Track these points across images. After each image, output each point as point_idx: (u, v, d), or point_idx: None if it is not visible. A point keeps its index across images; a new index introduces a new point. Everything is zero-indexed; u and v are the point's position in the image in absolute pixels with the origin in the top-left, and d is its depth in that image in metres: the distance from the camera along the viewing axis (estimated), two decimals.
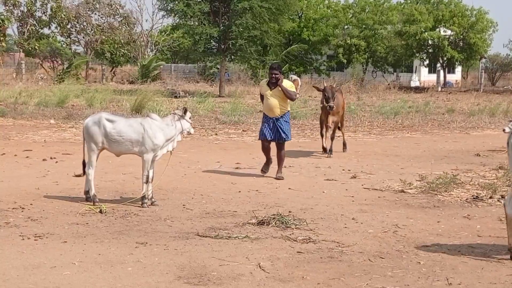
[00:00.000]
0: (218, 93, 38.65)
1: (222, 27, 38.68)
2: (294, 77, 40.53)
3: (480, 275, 7.21)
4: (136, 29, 54.44)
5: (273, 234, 8.76)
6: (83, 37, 52.40)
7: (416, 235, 8.88)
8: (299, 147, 17.82)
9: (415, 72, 58.06)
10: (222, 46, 39.53)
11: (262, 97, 13.25)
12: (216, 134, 20.66)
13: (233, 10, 38.58)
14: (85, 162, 10.62)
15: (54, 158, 14.88)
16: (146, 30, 55.10)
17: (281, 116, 12.88)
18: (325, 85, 15.89)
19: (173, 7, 38.95)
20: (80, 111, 25.66)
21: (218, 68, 45.51)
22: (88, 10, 51.46)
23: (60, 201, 10.57)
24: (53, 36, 51.31)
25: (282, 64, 46.51)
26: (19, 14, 48.81)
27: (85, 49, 52.89)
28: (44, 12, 49.30)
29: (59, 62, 50.61)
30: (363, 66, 54.62)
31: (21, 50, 49.85)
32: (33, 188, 11.50)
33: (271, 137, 12.92)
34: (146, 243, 8.25)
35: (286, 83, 12.87)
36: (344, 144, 17.15)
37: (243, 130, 21.60)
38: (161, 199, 10.84)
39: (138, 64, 52.04)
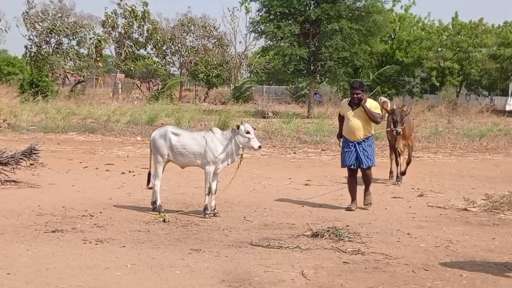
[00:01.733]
0: (307, 114, 38.96)
1: (312, 49, 39.07)
2: (384, 99, 40.53)
3: None
4: (229, 50, 55.38)
5: (324, 246, 8.98)
6: (178, 59, 53.73)
7: (467, 251, 8.95)
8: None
9: (511, 95, 56.99)
10: (312, 68, 39.90)
11: (341, 118, 11.92)
12: (294, 152, 20.97)
13: (323, 31, 38.91)
14: (151, 174, 11.08)
15: (133, 171, 15.46)
16: (239, 52, 55.97)
17: (363, 140, 11.56)
18: (394, 107, 14.34)
19: (264, 29, 39.55)
20: None
21: (309, 90, 45.80)
22: (183, 32, 52.69)
23: (129, 210, 11.05)
24: (148, 57, 52.74)
25: (373, 85, 46.52)
26: (117, 36, 50.39)
27: (180, 70, 54.16)
28: (140, 34, 50.83)
29: (154, 82, 51.97)
30: (456, 89, 53.99)
31: (118, 70, 51.39)
32: (106, 198, 12.04)
33: (352, 163, 11.61)
34: (200, 250, 8.59)
35: (371, 104, 11.55)
36: (403, 173, 15.07)
37: (322, 150, 21.85)
38: (224, 211, 11.20)
39: (231, 85, 52.93)
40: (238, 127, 10.63)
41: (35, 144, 13.37)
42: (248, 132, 10.54)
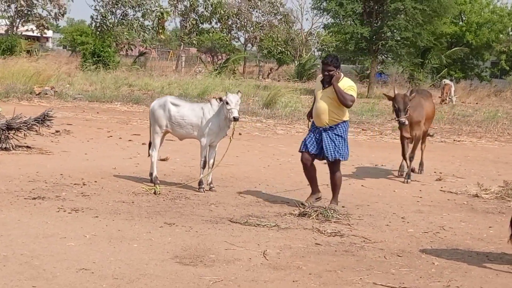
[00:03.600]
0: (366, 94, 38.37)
1: (374, 28, 38.31)
2: (447, 81, 39.47)
3: (488, 281, 6.81)
4: (295, 27, 54.88)
5: (305, 226, 8.64)
6: (243, 34, 53.46)
7: (455, 238, 8.49)
8: None
9: None
10: (373, 47, 39.14)
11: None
12: None
13: (386, 10, 38.10)
14: (150, 144, 10.88)
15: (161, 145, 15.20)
16: (305, 29, 55.43)
17: (330, 127, 9.51)
18: (395, 92, 12.23)
19: (326, 6, 38.97)
20: None
21: (376, 70, 45.10)
22: (250, 8, 52.37)
23: (126, 180, 10.86)
24: (213, 32, 52.63)
25: (441, 67, 45.36)
26: (182, 9, 50.39)
27: (244, 45, 53.90)
28: (205, 8, 50.68)
29: (218, 57, 51.88)
30: None
31: (182, 44, 51.44)
32: (110, 167, 11.88)
33: (313, 151, 9.63)
34: (173, 224, 8.34)
35: (344, 83, 9.43)
36: (421, 165, 13.60)
37: (362, 129, 21.31)
38: (224, 186, 10.92)
39: (295, 62, 52.48)
40: (220, 98, 10.29)
41: (49, 111, 13.30)
42: (227, 103, 10.14)
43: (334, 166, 9.71)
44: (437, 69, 49.67)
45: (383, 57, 41.69)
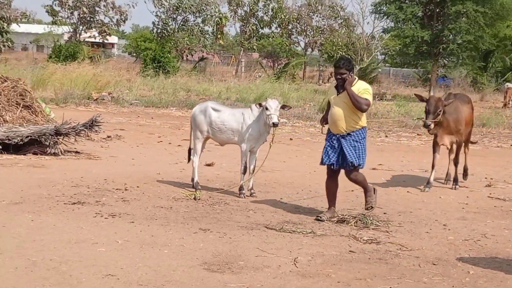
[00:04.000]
0: None
1: (435, 31, 37.87)
2: (510, 85, 38.65)
3: None
4: (356, 31, 54.59)
5: (342, 233, 8.52)
6: (303, 38, 53.35)
7: (496, 246, 8.27)
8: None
9: None
10: (434, 50, 38.68)
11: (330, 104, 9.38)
12: (386, 136, 20.30)
13: (447, 13, 37.62)
14: (191, 150, 10.88)
15: (209, 151, 15.19)
16: (367, 33, 55.04)
17: (348, 133, 9.04)
18: (430, 94, 12.33)
19: (386, 10, 38.70)
20: None
21: (438, 74, 44.57)
22: (310, 12, 52.25)
23: (168, 186, 10.89)
24: (273, 36, 52.65)
25: (506, 71, 44.46)
26: (242, 14, 50.55)
27: (304, 50, 53.79)
28: (265, 13, 50.74)
29: (279, 62, 51.90)
30: None
31: (242, 49, 51.59)
32: (155, 172, 11.92)
33: (334, 162, 9.14)
34: (208, 229, 8.30)
35: (359, 86, 8.97)
36: (465, 170, 13.06)
37: (417, 134, 21.02)
38: (265, 192, 10.87)
39: (356, 66, 52.13)
40: (260, 104, 10.25)
41: (97, 116, 13.41)
42: (266, 109, 10.10)
43: (351, 173, 9.21)
44: (501, 72, 48.84)
45: (444, 60, 41.15)
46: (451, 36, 37.40)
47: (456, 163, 12.32)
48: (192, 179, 10.82)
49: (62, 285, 6.08)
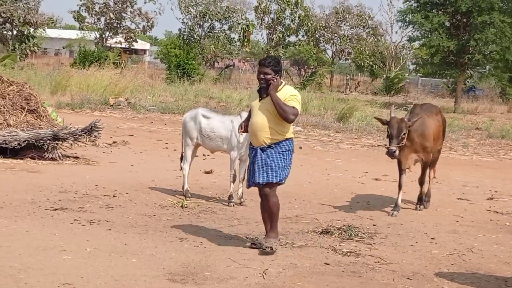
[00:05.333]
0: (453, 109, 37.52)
1: (461, 41, 37.42)
2: None
3: None
4: (384, 40, 54.16)
5: (322, 244, 8.31)
6: (330, 47, 53.10)
7: (480, 261, 8.02)
8: (476, 165, 16.78)
9: None
10: (460, 61, 38.23)
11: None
12: None
13: (473, 24, 37.16)
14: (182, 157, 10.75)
15: (208, 155, 15.06)
16: (395, 42, 54.63)
17: (269, 146, 7.65)
18: (391, 116, 10.23)
19: (411, 19, 38.36)
20: None
21: (466, 84, 44.13)
22: (338, 20, 52.00)
23: (158, 193, 10.75)
24: (299, 44, 52.45)
25: (506, 82, 43.77)
26: (269, 22, 50.44)
27: (332, 58, 53.52)
28: (292, 21, 50.57)
29: (306, 70, 51.72)
30: None
31: None
32: (150, 180, 11.78)
33: (252, 181, 7.86)
34: (185, 239, 8.15)
35: (286, 92, 7.62)
36: (426, 196, 11.16)
37: None
38: (257, 200, 10.56)
39: (383, 76, 51.78)
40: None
41: (96, 121, 13.31)
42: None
43: (264, 189, 7.79)
44: None
45: (471, 71, 40.68)
46: (478, 46, 36.90)
47: (421, 183, 10.88)
48: (183, 187, 10.67)
49: None
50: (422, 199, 10.94)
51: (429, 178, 11.25)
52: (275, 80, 7.53)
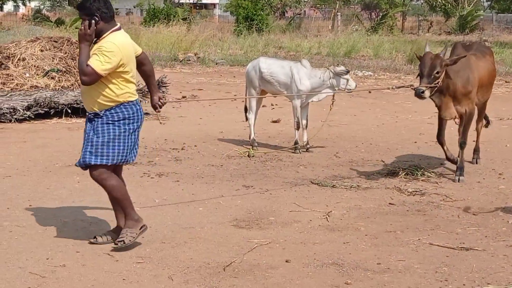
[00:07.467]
0: None
1: None
2: None
3: None
4: None
5: (387, 185, 8.34)
6: None
7: None
8: None
9: None
10: None
11: None
12: None
13: None
14: (247, 108, 10.84)
15: (276, 105, 15.11)
16: None
17: (95, 114, 5.99)
18: (426, 51, 8.47)
19: None
20: (363, 61, 25.83)
21: None
22: None
23: (227, 144, 10.89)
24: None
25: None
26: None
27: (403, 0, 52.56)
28: None
29: (377, 13, 51.02)
30: None
31: (338, 2, 50.86)
32: (218, 131, 11.93)
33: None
34: (251, 186, 8.28)
35: (103, 42, 5.85)
36: (476, 151, 9.76)
37: (505, 81, 20.31)
38: (325, 146, 10.74)
39: (456, 14, 50.66)
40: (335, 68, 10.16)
41: (163, 77, 13.49)
42: (348, 72, 10.14)
43: (92, 173, 6.17)
44: None
45: None
46: None
47: (462, 144, 8.91)
48: (249, 137, 10.79)
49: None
50: (463, 168, 8.78)
51: (477, 131, 9.81)
52: (84, 28, 5.78)
